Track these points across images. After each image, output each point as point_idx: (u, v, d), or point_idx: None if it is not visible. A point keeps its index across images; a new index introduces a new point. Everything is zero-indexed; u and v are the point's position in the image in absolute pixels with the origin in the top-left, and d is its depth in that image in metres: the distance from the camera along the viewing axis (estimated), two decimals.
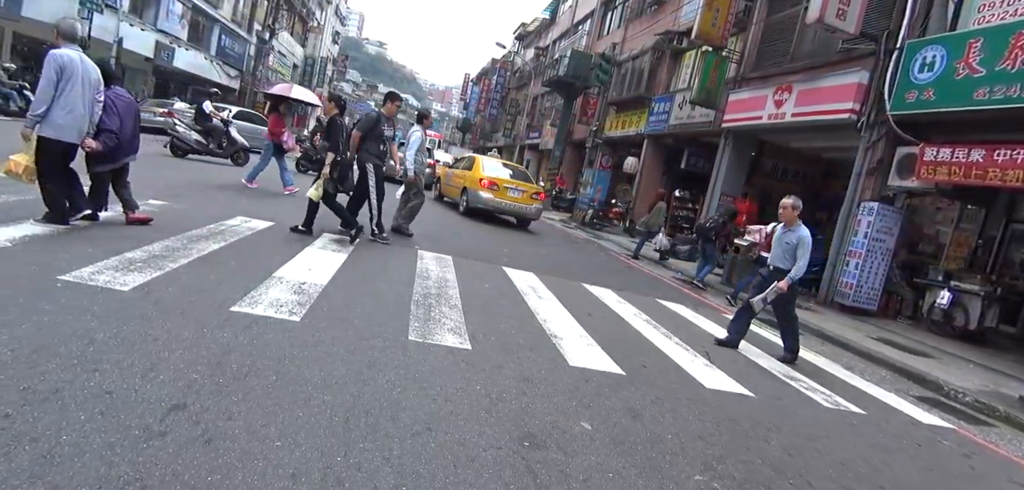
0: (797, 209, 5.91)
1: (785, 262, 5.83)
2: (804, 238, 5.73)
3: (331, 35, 60.97)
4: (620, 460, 2.81)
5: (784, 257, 5.87)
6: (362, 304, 4.42)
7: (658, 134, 18.93)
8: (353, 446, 2.36)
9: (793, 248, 5.78)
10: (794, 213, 5.90)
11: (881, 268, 10.48)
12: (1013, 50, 8.02)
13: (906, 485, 3.36)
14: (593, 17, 29.36)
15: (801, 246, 5.70)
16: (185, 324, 3.23)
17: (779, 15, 14.07)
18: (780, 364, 5.76)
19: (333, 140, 6.82)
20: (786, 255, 5.86)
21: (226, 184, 9.75)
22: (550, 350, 4.38)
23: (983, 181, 8.62)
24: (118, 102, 5.14)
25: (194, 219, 6.07)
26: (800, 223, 5.89)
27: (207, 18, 29.35)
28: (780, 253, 5.93)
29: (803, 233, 5.78)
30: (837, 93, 11.11)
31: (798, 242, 5.75)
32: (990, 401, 5.84)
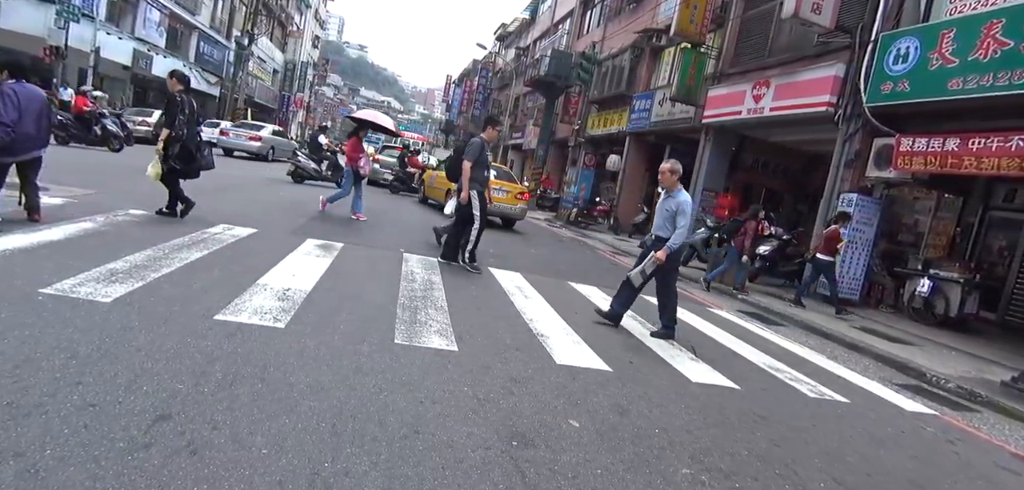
0: (676, 173, 5.62)
1: (666, 230, 5.55)
2: (683, 203, 5.45)
3: (311, 39, 60.55)
4: (608, 456, 2.83)
5: (665, 225, 5.59)
6: (347, 309, 4.40)
7: (640, 132, 19.06)
8: (340, 451, 2.35)
9: (673, 215, 5.50)
10: (673, 177, 5.61)
11: (862, 259, 10.65)
12: (985, 40, 8.19)
13: (891, 471, 3.42)
14: (573, 16, 29.49)
15: (681, 212, 5.42)
16: (168, 334, 3.19)
17: (756, 10, 14.23)
18: (765, 356, 5.83)
19: (171, 116, 6.51)
20: (667, 223, 5.57)
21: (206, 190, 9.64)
22: (537, 349, 4.39)
23: (959, 170, 8.79)
24: (20, 95, 4.97)
25: (176, 228, 6.00)
26: (680, 188, 5.61)
27: (185, 25, 29.04)
28: (661, 221, 5.66)
29: (682, 198, 5.50)
30: (814, 86, 11.27)
31: (677, 208, 5.46)
32: (972, 387, 5.95)
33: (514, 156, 37.69)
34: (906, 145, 9.46)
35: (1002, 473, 3.88)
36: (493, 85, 46.99)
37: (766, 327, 7.71)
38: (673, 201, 5.55)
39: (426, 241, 8.92)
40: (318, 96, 79.68)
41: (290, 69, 49.64)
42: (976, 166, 8.48)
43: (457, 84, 63.92)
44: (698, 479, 2.79)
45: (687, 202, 5.46)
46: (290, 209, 9.69)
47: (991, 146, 8.19)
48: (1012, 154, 7.93)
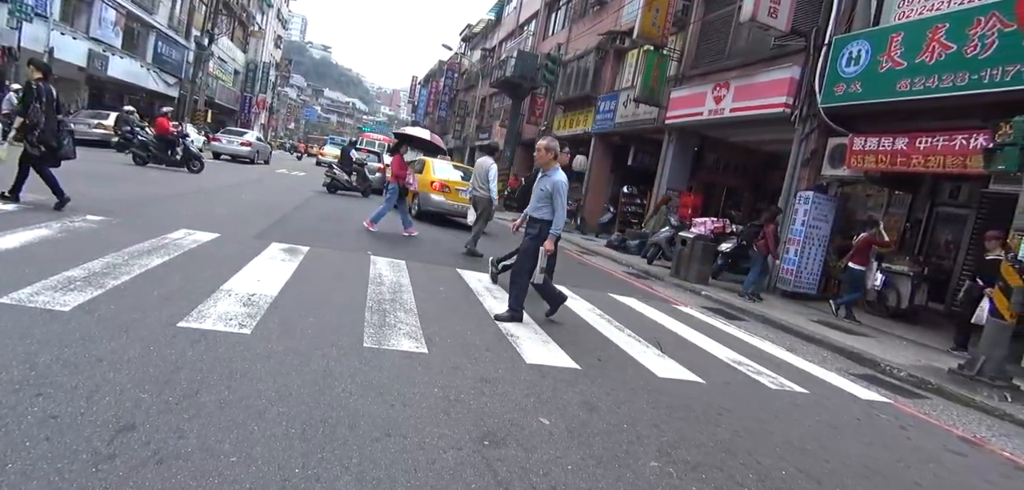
0: (552, 151, 5.35)
1: (540, 210, 5.31)
2: (558, 183, 5.20)
3: (273, 40, 59.36)
4: (579, 452, 2.88)
5: (539, 205, 5.33)
6: (315, 313, 4.36)
7: (605, 132, 19.30)
8: (311, 457, 2.34)
9: (549, 194, 5.24)
10: (548, 155, 5.34)
11: (819, 254, 11.02)
12: (931, 43, 8.58)
13: (848, 458, 3.56)
14: (538, 18, 29.67)
15: (556, 193, 5.18)
16: (130, 343, 3.12)
17: (715, 14, 14.59)
18: (728, 351, 5.98)
19: (26, 104, 6.42)
20: (542, 203, 5.31)
21: (167, 196, 9.39)
22: (507, 349, 4.42)
23: (908, 168, 9.19)
24: None
25: (136, 234, 5.83)
26: (557, 167, 5.34)
27: (142, 24, 28.08)
28: (536, 201, 5.39)
29: (557, 178, 5.22)
30: (771, 88, 11.62)
31: (553, 188, 5.20)
32: (923, 375, 6.23)
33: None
34: (859, 144, 9.84)
35: (949, 455, 4.09)
36: (459, 86, 46.89)
37: (729, 322, 7.91)
38: (549, 181, 5.27)
39: (392, 243, 8.87)
40: (281, 97, 78.16)
41: (252, 70, 48.56)
42: (923, 164, 8.89)
43: (423, 85, 63.55)
44: (666, 471, 2.86)
45: (562, 183, 5.21)
46: (254, 213, 9.50)
47: (937, 145, 8.59)
48: (956, 152, 8.34)
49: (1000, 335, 6.02)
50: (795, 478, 3.08)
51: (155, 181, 11.47)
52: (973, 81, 7.95)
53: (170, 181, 11.89)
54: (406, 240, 9.56)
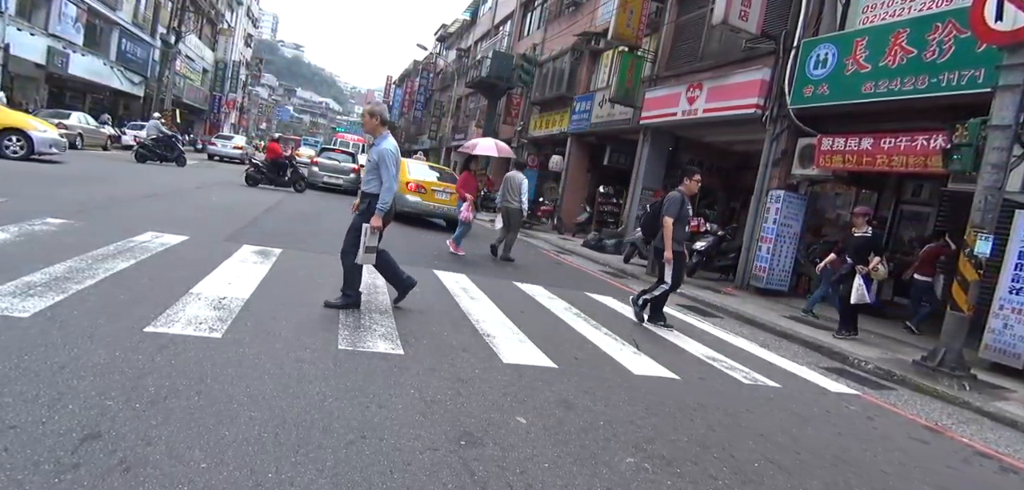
0: (376, 116, 4.89)
1: (371, 183, 4.87)
2: (385, 152, 4.74)
3: (243, 38, 58.30)
4: (555, 450, 2.89)
5: (369, 177, 4.92)
6: (288, 316, 4.29)
7: (581, 132, 19.41)
8: (284, 460, 2.30)
9: (376, 165, 4.81)
10: (374, 121, 4.87)
11: (790, 252, 11.25)
12: (893, 47, 8.82)
13: (818, 449, 3.65)
14: (513, 18, 29.70)
15: (383, 163, 4.74)
16: (94, 349, 3.03)
17: (688, 16, 14.78)
18: (703, 347, 6.07)
19: None
20: (370, 174, 4.89)
21: (133, 198, 9.15)
22: (484, 349, 4.42)
23: (873, 167, 9.44)
24: None
25: (100, 237, 5.65)
26: (385, 133, 4.88)
27: (105, 21, 27.25)
28: (367, 173, 5.01)
29: (384, 146, 4.77)
30: (743, 89, 11.82)
31: (379, 158, 4.76)
32: (889, 367, 6.41)
33: (457, 158, 37.55)
34: (827, 144, 10.07)
35: (913, 443, 4.22)
36: (435, 86, 46.68)
37: (703, 319, 8.03)
38: (375, 150, 4.82)
39: None
40: (252, 97, 76.82)
41: (221, 69, 47.58)
42: (888, 163, 9.13)
43: (398, 85, 63.13)
44: (641, 467, 2.89)
45: (389, 151, 4.74)
46: (224, 214, 9.32)
47: (900, 145, 8.84)
48: (918, 152, 8.60)
49: (959, 327, 6.23)
50: (766, 469, 3.14)
51: (118, 181, 11.17)
52: (932, 84, 8.21)
53: (135, 182, 11.59)
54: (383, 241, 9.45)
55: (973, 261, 6.14)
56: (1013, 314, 6.84)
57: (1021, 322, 6.78)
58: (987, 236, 6.10)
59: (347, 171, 20.01)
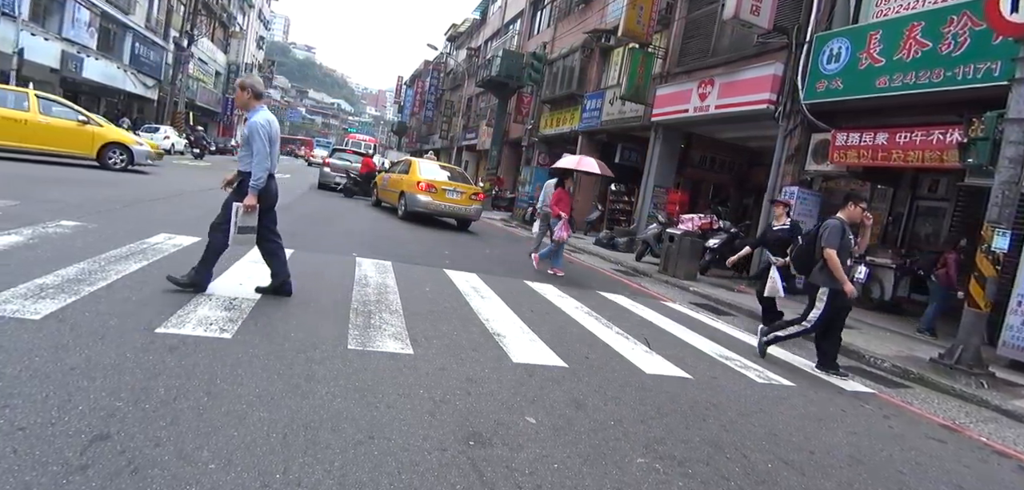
0: (248, 88, 4.53)
1: (244, 160, 4.54)
2: (254, 126, 4.39)
3: (255, 40, 58.78)
4: (565, 450, 2.87)
5: (243, 153, 4.59)
6: (298, 316, 4.30)
7: (591, 130, 19.34)
8: (292, 461, 2.30)
9: (247, 140, 4.48)
10: (245, 95, 4.52)
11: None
12: (907, 41, 8.69)
13: (833, 449, 3.59)
14: (523, 17, 29.65)
15: (252, 137, 4.39)
16: (105, 350, 3.04)
17: (699, 12, 14.67)
18: (715, 345, 6.01)
19: None
20: (243, 149, 4.57)
21: (146, 199, 9.24)
22: (493, 349, 4.40)
23: (888, 162, 9.31)
24: None
25: (113, 239, 5.71)
26: (258, 107, 4.52)
27: (118, 25, 27.56)
28: (240, 150, 4.71)
29: (253, 121, 4.42)
30: (755, 85, 11.70)
31: (250, 132, 4.41)
32: (905, 365, 6.32)
33: (468, 157, 37.63)
34: (841, 140, 9.94)
35: (930, 442, 4.14)
36: (445, 86, 46.80)
37: (716, 317, 7.95)
38: (247, 126, 4.49)
39: (378, 245, 8.80)
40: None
41: (233, 71, 48.00)
42: (903, 159, 9.00)
43: (408, 85, 63.35)
44: (652, 467, 2.86)
45: (258, 125, 4.39)
46: None
47: (915, 140, 8.71)
48: (933, 147, 8.46)
49: (976, 324, 6.12)
50: (780, 469, 3.09)
51: (131, 184, 11.28)
52: (948, 78, 8.08)
53: (148, 184, 11.70)
54: (393, 241, 9.51)
55: (990, 257, 6.03)
56: None
57: None
58: (1005, 231, 5.99)
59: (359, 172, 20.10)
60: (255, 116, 4.46)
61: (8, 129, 11.53)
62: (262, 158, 4.39)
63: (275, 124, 4.58)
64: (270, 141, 4.46)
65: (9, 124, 11.55)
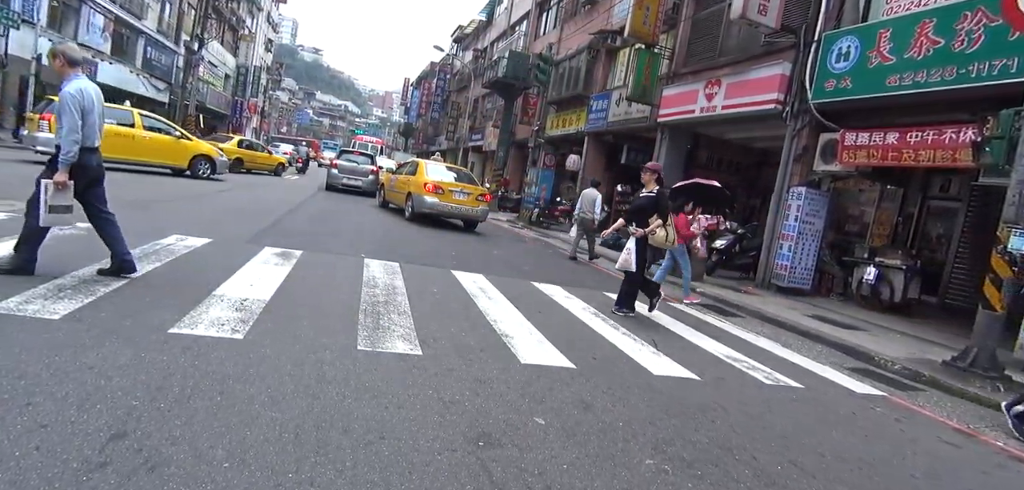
0: (58, 56, 4.31)
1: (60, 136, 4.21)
2: (63, 96, 4.13)
3: (264, 43, 59.13)
4: (574, 451, 2.88)
5: (60, 130, 4.23)
6: (308, 317, 4.34)
7: (598, 131, 19.31)
8: (304, 461, 2.33)
9: (58, 113, 4.18)
10: (58, 62, 4.30)
11: (812, 249, 11.06)
12: (918, 38, 8.62)
13: (844, 452, 3.57)
14: (529, 18, 29.65)
15: (61, 109, 4.12)
16: (121, 350, 3.09)
17: (706, 12, 14.61)
18: (723, 347, 5.99)
19: None
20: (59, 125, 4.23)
21: (158, 201, 9.34)
22: (501, 350, 4.42)
23: (899, 162, 9.24)
24: None
25: (126, 240, 5.76)
26: (72, 75, 4.27)
27: (132, 30, 27.88)
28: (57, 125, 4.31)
29: (63, 90, 4.16)
30: (763, 85, 11.64)
31: (60, 104, 4.14)
32: (916, 367, 6.26)
33: (474, 158, 37.67)
34: (850, 140, 9.88)
35: (944, 446, 4.11)
36: (452, 87, 46.88)
37: (724, 318, 7.93)
38: (59, 97, 4.20)
39: (385, 246, 8.84)
40: (273, 101, 77.92)
41: (243, 74, 48.32)
42: (914, 158, 8.93)
43: (415, 86, 63.51)
44: (661, 469, 2.86)
45: (68, 95, 4.12)
46: (247, 217, 9.46)
47: (927, 139, 8.64)
48: (945, 146, 8.39)
49: (991, 326, 6.05)
50: (790, 472, 3.09)
51: (144, 185, 11.39)
52: (961, 75, 8.00)
53: (161, 185, 11.81)
54: (401, 242, 9.55)
55: (1006, 258, 5.97)
56: None
57: None
58: (1022, 231, 5.92)
59: (366, 173, 20.19)
60: (67, 85, 4.19)
61: (120, 144, 13.14)
62: (71, 131, 4.09)
63: (91, 93, 4.30)
64: (83, 112, 4.18)
65: (120, 140, 13.20)
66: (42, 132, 12.36)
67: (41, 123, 12.39)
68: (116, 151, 12.89)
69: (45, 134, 12.28)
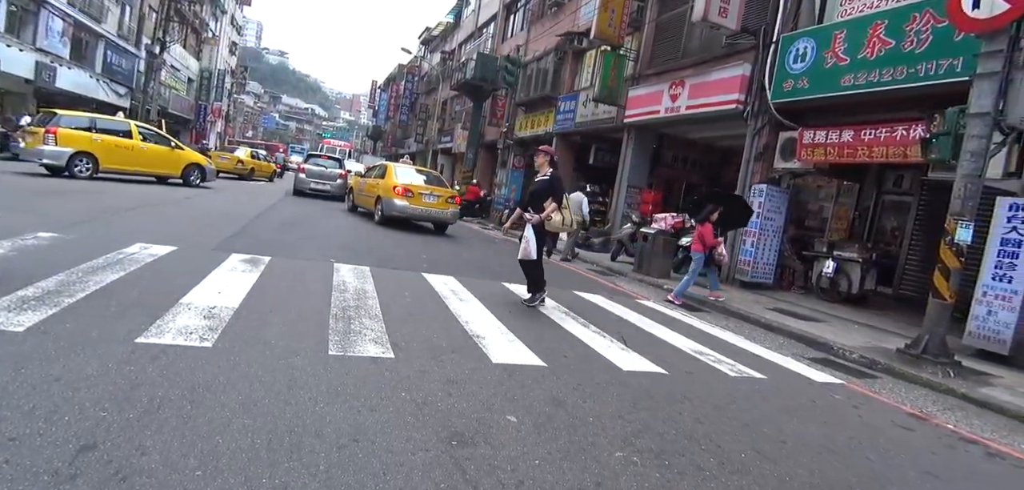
0: None
1: None
2: None
3: (228, 46, 57.86)
4: (546, 447, 2.95)
5: None
6: (278, 323, 4.31)
7: (566, 132, 19.51)
8: (277, 466, 2.34)
9: None
10: None
11: (774, 245, 11.40)
12: (871, 39, 8.98)
13: (804, 438, 3.73)
14: (496, 20, 29.75)
15: None
16: (87, 361, 3.04)
17: (669, 14, 14.93)
18: (690, 341, 6.15)
19: None
20: None
21: (121, 209, 9.10)
22: (473, 350, 4.47)
23: (854, 159, 9.60)
24: None
25: (89, 250, 5.63)
26: None
27: (91, 34, 26.94)
28: None
29: None
30: (724, 85, 11.96)
31: None
32: (872, 356, 6.53)
33: (444, 160, 37.57)
34: (808, 138, 10.22)
35: (898, 430, 4.31)
36: (420, 90, 46.67)
37: (690, 314, 8.12)
38: None
39: (356, 251, 8.79)
40: (237, 105, 76.31)
41: (206, 78, 47.21)
42: (868, 155, 9.30)
43: (383, 89, 62.96)
44: (631, 460, 2.95)
45: None
46: (212, 224, 9.29)
47: (880, 136, 9.01)
48: (897, 143, 8.76)
49: (941, 315, 6.35)
50: (753, 459, 3.22)
51: (106, 193, 11.08)
52: (910, 75, 8.37)
53: (120, 193, 11.50)
54: (371, 246, 9.50)
55: (954, 249, 6.26)
56: (997, 300, 6.99)
57: (1005, 308, 6.92)
58: (968, 223, 6.21)
59: (334, 177, 19.96)
60: None
61: (122, 155, 14.17)
62: None
63: None
64: None
65: (123, 151, 14.18)
66: (48, 145, 12.90)
67: (47, 137, 12.88)
68: (119, 162, 14.08)
69: (51, 147, 12.91)
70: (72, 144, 13.07)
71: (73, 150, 13.04)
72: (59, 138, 12.91)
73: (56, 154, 12.91)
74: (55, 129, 12.89)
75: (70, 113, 14.33)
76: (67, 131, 13.11)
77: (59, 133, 12.94)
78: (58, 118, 13.32)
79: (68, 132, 13.11)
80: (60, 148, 12.86)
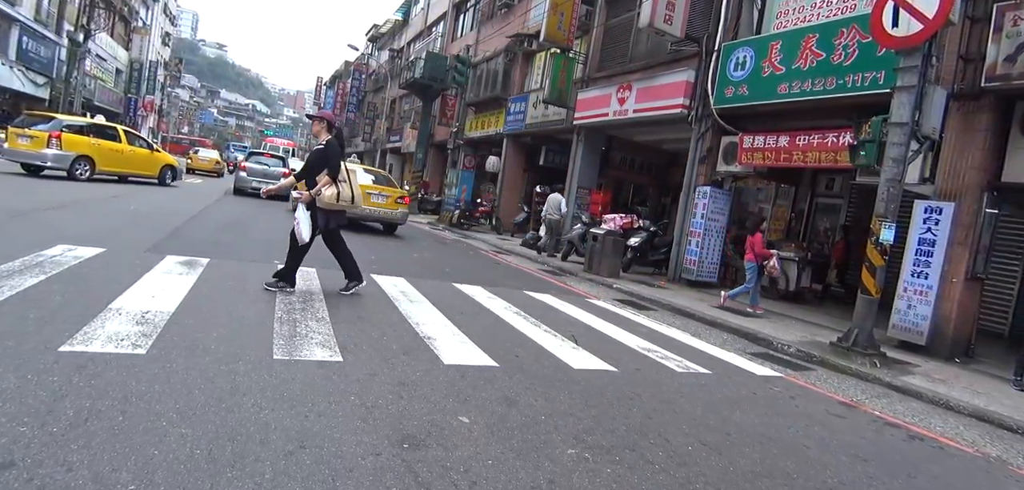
0: None
1: None
2: None
3: (161, 37, 55.13)
4: (498, 446, 2.94)
5: None
6: (218, 328, 4.13)
7: (516, 133, 19.60)
8: (219, 476, 2.23)
9: None
10: None
11: (717, 245, 11.80)
12: (804, 51, 9.43)
13: (746, 429, 3.86)
14: (446, 19, 29.56)
15: None
16: (3, 373, 2.81)
17: (617, 19, 15.22)
18: (638, 339, 6.28)
19: None
20: None
21: (40, 209, 8.50)
22: (424, 352, 4.41)
23: (790, 163, 10.05)
24: None
25: (2, 251, 5.23)
26: None
27: (3, 18, 25.05)
28: None
29: None
30: (670, 90, 12.29)
31: None
32: (808, 349, 6.87)
33: (393, 159, 37.04)
34: (748, 142, 10.63)
35: (831, 418, 4.54)
36: (367, 88, 45.83)
37: (639, 312, 8.30)
38: None
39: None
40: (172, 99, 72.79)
41: (136, 69, 44.79)
42: (802, 159, 9.75)
43: (329, 86, 61.43)
44: (582, 457, 2.98)
45: None
46: (145, 223, 8.81)
47: (812, 142, 9.47)
48: (828, 149, 9.23)
49: (868, 309, 6.74)
50: (700, 451, 3.31)
51: (23, 191, 10.34)
52: (839, 85, 8.84)
53: (44, 192, 10.76)
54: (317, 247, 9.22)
55: (879, 248, 6.65)
56: (915, 295, 7.50)
57: (922, 302, 7.43)
58: (890, 224, 6.62)
59: (277, 176, 19.28)
60: None
61: (113, 158, 15.14)
62: None
63: None
64: None
65: (114, 154, 15.16)
66: (51, 149, 13.27)
67: (52, 141, 13.27)
68: (111, 164, 15.01)
69: (54, 151, 13.31)
70: (75, 148, 13.75)
71: (76, 154, 13.73)
72: (64, 143, 13.57)
73: (60, 158, 13.48)
74: (59, 133, 13.50)
75: (69, 117, 15.73)
76: (70, 136, 13.77)
77: (64, 138, 13.62)
78: (60, 122, 14.11)
79: (71, 137, 13.78)
80: (64, 152, 13.46)
